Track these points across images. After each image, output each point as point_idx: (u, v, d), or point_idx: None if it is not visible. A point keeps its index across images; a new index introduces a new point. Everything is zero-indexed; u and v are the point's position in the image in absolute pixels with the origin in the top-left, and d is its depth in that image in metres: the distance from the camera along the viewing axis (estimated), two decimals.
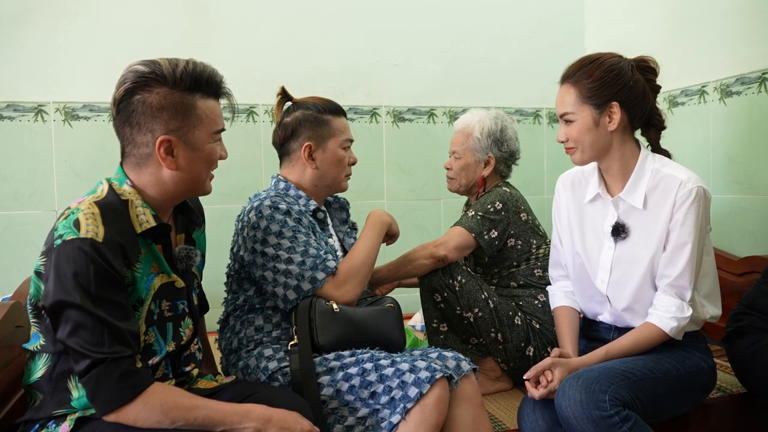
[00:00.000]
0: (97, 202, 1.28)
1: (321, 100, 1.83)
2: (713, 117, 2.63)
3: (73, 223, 1.23)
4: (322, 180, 1.82)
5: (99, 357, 1.18)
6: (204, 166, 1.38)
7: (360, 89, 3.15)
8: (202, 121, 1.35)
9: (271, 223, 1.64)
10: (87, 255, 1.19)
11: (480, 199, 2.20)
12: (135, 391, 1.20)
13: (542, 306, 2.13)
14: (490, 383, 2.15)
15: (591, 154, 1.67)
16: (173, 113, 1.31)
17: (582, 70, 1.64)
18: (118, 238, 1.25)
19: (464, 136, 2.28)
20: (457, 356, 1.61)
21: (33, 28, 2.69)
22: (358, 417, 1.47)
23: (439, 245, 2.07)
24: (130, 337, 1.23)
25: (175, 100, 1.31)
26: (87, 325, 1.19)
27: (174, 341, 1.39)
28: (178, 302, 1.41)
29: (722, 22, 2.57)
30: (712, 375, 1.71)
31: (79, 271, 1.19)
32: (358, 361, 1.52)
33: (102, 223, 1.24)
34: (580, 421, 1.42)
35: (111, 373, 1.19)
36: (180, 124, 1.32)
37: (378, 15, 3.16)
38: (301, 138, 1.79)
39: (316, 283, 1.62)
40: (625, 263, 1.69)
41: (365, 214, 1.86)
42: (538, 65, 3.34)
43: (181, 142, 1.32)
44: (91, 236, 1.21)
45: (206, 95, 1.36)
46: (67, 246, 1.21)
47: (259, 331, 1.68)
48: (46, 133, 2.73)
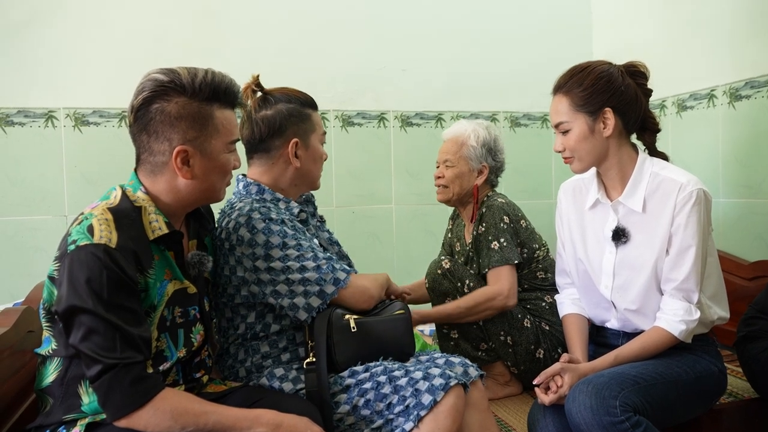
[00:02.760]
0: (111, 208, 1.29)
1: (299, 92, 1.72)
2: (722, 121, 2.62)
3: (87, 228, 1.24)
4: (303, 178, 1.71)
5: (111, 362, 1.19)
6: (219, 176, 1.39)
7: (368, 94, 3.15)
8: (218, 131, 1.35)
9: (270, 236, 1.54)
10: (100, 260, 1.20)
11: (486, 223, 2.15)
12: (146, 397, 1.21)
13: (550, 307, 2.12)
14: (499, 388, 2.15)
15: (589, 161, 1.69)
16: (191, 123, 1.32)
17: (573, 80, 1.66)
18: (131, 244, 1.26)
19: (457, 145, 2.26)
20: (464, 362, 1.59)
21: (43, 34, 2.71)
22: (373, 428, 1.46)
23: (505, 297, 2.05)
24: (142, 342, 1.24)
25: (194, 110, 1.32)
26: (99, 330, 1.19)
27: (185, 347, 1.39)
28: (190, 308, 1.42)
29: (731, 26, 2.56)
30: (722, 379, 1.70)
31: (92, 276, 1.20)
32: (372, 375, 1.49)
33: (115, 229, 1.25)
34: (590, 427, 1.42)
35: (122, 378, 1.19)
36: (197, 134, 1.33)
37: (386, 20, 3.16)
38: (287, 134, 1.66)
39: (339, 283, 1.56)
40: (628, 268, 1.69)
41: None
42: (546, 69, 3.29)
43: (197, 152, 1.33)
44: (105, 242, 1.22)
45: (223, 105, 1.37)
46: (80, 251, 1.21)
47: (267, 357, 1.61)
48: (56, 138, 2.75)
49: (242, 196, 1.68)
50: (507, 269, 2.09)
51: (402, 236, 3.20)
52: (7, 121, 2.69)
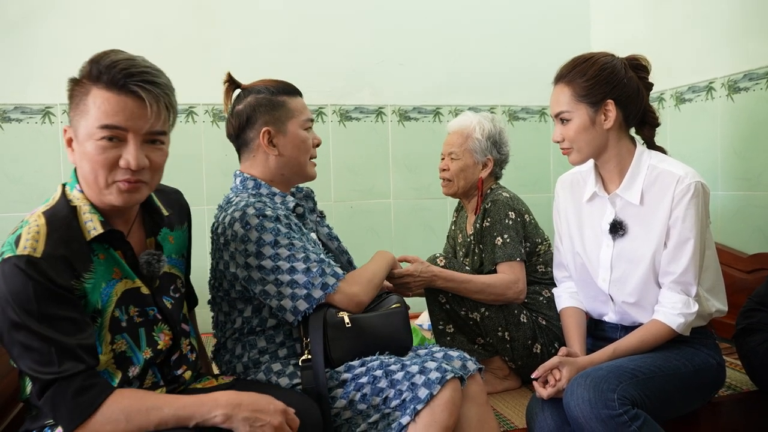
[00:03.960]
0: (46, 212, 1.25)
1: (272, 81, 1.70)
2: (721, 113, 2.62)
3: (15, 240, 1.19)
4: (288, 167, 1.69)
5: (49, 378, 1.14)
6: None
7: (365, 88, 3.15)
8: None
9: (262, 233, 1.53)
10: (24, 273, 1.15)
11: (491, 218, 2.14)
12: (93, 406, 1.16)
13: (547, 302, 2.11)
14: (497, 382, 2.14)
15: (588, 153, 1.68)
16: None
17: (576, 70, 1.65)
18: (61, 251, 1.20)
19: (462, 137, 2.25)
20: (462, 356, 1.59)
21: (39, 30, 2.71)
22: (370, 422, 1.46)
23: (519, 291, 2.06)
24: (82, 351, 1.18)
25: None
26: (33, 345, 1.15)
27: (149, 347, 1.34)
28: (147, 308, 1.36)
29: (729, 18, 2.55)
30: (721, 372, 1.70)
31: (17, 290, 1.15)
32: (368, 370, 1.49)
33: (46, 236, 1.20)
34: (588, 420, 1.42)
35: (64, 391, 1.15)
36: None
37: (383, 14, 3.15)
38: (257, 124, 1.65)
39: (327, 288, 1.54)
40: (625, 261, 1.69)
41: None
42: (544, 63, 3.28)
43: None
44: (28, 252, 1.16)
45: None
46: (4, 265, 1.16)
47: (264, 353, 1.60)
48: (53, 134, 2.74)
49: (239, 190, 1.68)
50: (518, 264, 2.09)
51: (400, 231, 3.20)
52: (4, 117, 2.69)
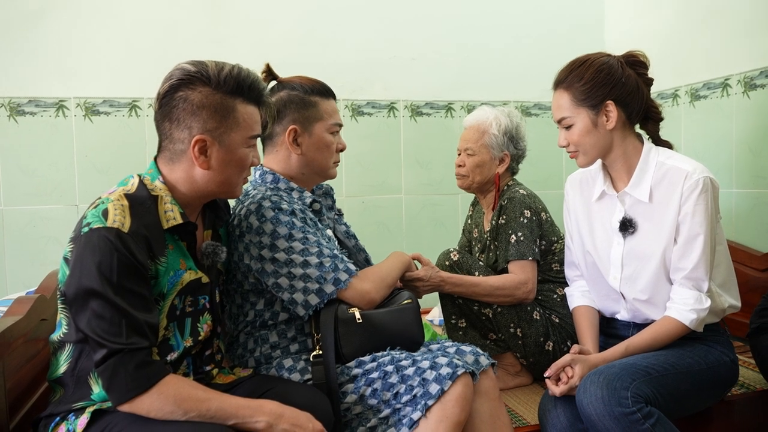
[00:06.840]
0: (127, 195, 1.31)
1: (309, 80, 1.70)
2: (736, 110, 2.59)
3: (101, 212, 1.25)
4: (309, 167, 1.70)
5: (116, 347, 1.19)
6: (236, 169, 1.40)
7: (377, 83, 3.14)
8: (239, 125, 1.37)
9: (277, 226, 1.54)
10: (112, 244, 1.22)
11: (507, 216, 2.12)
12: (150, 382, 1.21)
13: (561, 300, 2.11)
14: (509, 378, 2.14)
15: (594, 155, 1.68)
16: (213, 113, 1.34)
17: (572, 74, 1.66)
18: (144, 231, 1.27)
19: (479, 133, 2.23)
20: (475, 351, 1.58)
21: (53, 23, 2.72)
22: (381, 417, 1.46)
23: (529, 290, 2.05)
24: (148, 328, 1.24)
25: (217, 101, 1.34)
26: (106, 314, 1.20)
27: (191, 336, 1.40)
28: (200, 297, 1.42)
29: (745, 14, 2.52)
30: (734, 369, 1.69)
31: (102, 259, 1.21)
32: (379, 365, 1.49)
33: (130, 215, 1.27)
34: (601, 418, 1.42)
35: (127, 363, 1.20)
36: (217, 125, 1.34)
37: (395, 9, 3.14)
38: (285, 121, 1.66)
39: (339, 284, 1.54)
40: (636, 258, 1.68)
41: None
42: (557, 58, 3.25)
43: (216, 142, 1.35)
44: (118, 226, 1.24)
45: (247, 101, 1.38)
46: (93, 234, 1.23)
47: (276, 347, 1.61)
48: (67, 128, 2.76)
49: (257, 184, 1.69)
50: (530, 264, 2.08)
51: (412, 226, 3.20)
52: (19, 111, 2.70)
